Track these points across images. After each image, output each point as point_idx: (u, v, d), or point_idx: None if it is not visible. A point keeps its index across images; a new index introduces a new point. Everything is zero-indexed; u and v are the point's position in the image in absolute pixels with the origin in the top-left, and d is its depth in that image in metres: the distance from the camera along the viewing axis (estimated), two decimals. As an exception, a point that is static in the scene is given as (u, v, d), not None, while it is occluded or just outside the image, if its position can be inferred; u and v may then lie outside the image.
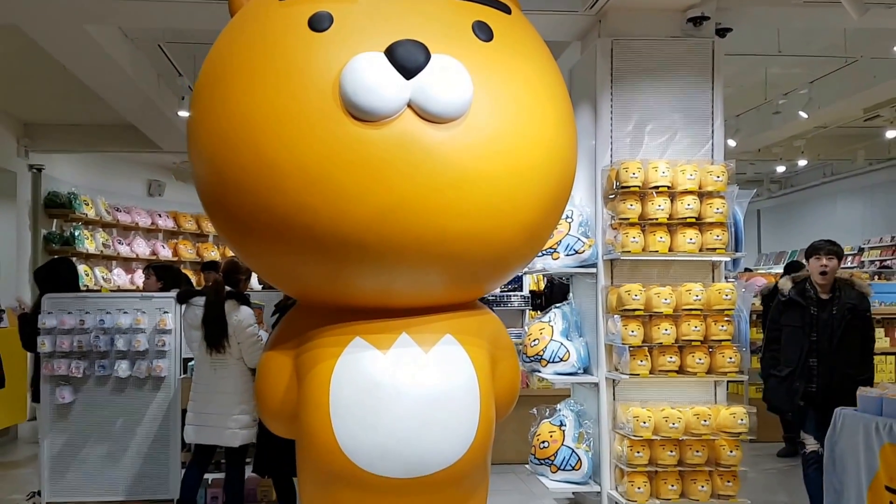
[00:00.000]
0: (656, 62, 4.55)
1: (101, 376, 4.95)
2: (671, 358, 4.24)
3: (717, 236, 4.28)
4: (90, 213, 9.67)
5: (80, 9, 4.85)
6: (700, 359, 4.23)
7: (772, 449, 6.66)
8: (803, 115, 8.73)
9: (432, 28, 2.36)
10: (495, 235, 2.41)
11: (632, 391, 4.44)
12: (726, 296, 4.24)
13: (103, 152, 10.05)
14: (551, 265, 4.54)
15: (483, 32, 2.44)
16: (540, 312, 5.36)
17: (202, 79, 2.54)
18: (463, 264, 2.44)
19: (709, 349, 4.27)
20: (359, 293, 2.49)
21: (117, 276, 10.03)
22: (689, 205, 4.28)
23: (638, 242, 4.27)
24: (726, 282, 4.55)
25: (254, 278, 5.92)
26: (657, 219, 4.27)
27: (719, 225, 4.29)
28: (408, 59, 2.23)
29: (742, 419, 4.16)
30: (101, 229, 9.96)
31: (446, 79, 2.26)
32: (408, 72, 2.23)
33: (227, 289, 4.34)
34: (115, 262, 10.21)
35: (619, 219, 4.33)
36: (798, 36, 6.98)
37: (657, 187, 4.28)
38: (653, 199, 4.29)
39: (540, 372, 4.58)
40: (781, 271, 7.53)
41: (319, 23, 2.33)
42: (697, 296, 4.22)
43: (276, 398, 2.64)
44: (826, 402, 4.09)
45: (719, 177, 4.31)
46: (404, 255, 2.34)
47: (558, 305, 4.83)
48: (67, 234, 9.22)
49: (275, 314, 4.36)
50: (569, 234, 4.54)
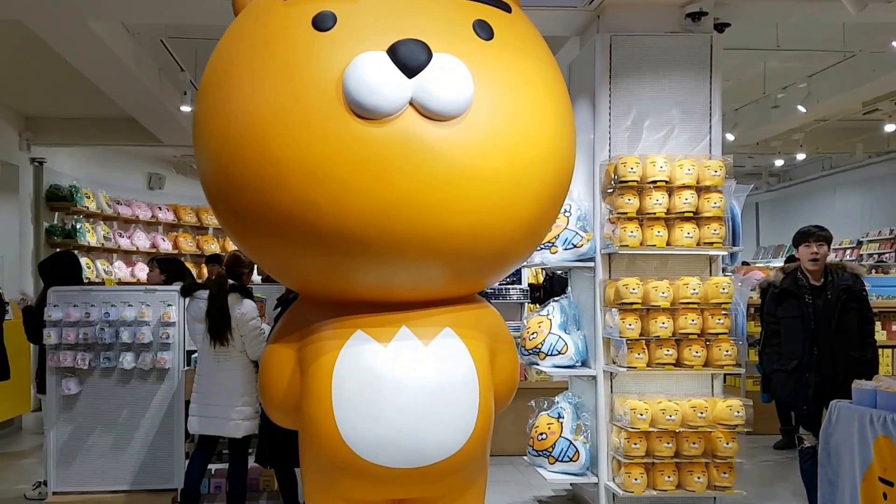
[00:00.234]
0: (655, 58, 4.58)
1: (105, 368, 5.00)
2: (668, 351, 4.28)
3: (715, 231, 4.32)
4: (91, 207, 9.70)
5: (84, 5, 4.88)
6: (697, 352, 4.28)
7: (768, 441, 6.68)
8: (802, 108, 8.74)
9: (434, 27, 2.39)
10: (495, 231, 2.44)
11: (629, 384, 4.49)
12: (723, 289, 4.28)
13: (104, 146, 10.08)
14: (549, 259, 4.58)
15: (484, 31, 2.47)
16: (539, 306, 5.40)
17: (207, 77, 2.57)
18: (463, 259, 2.48)
19: (706, 342, 4.31)
20: (360, 287, 2.52)
21: (118, 268, 10.06)
22: (686, 199, 4.31)
23: (636, 236, 4.31)
24: (723, 275, 4.59)
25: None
26: (655, 213, 4.31)
27: (717, 219, 4.33)
28: (410, 59, 2.26)
29: (738, 411, 4.21)
30: (102, 222, 10.00)
31: (447, 77, 2.28)
32: (410, 71, 2.25)
33: (230, 282, 4.39)
34: (115, 255, 10.25)
35: (617, 213, 4.36)
36: (797, 30, 6.96)
37: (655, 182, 4.32)
38: (651, 193, 4.32)
39: (538, 365, 4.63)
40: (781, 264, 7.52)
41: (323, 22, 2.35)
42: (695, 289, 4.26)
43: (280, 390, 2.67)
44: (834, 392, 3.92)
45: (717, 171, 4.35)
46: (405, 251, 2.38)
47: (556, 299, 4.87)
48: (69, 226, 9.26)
49: (277, 307, 4.41)
50: (567, 228, 4.57)
